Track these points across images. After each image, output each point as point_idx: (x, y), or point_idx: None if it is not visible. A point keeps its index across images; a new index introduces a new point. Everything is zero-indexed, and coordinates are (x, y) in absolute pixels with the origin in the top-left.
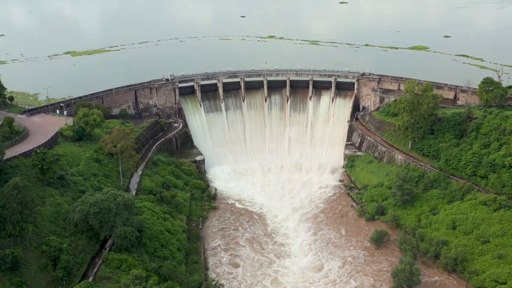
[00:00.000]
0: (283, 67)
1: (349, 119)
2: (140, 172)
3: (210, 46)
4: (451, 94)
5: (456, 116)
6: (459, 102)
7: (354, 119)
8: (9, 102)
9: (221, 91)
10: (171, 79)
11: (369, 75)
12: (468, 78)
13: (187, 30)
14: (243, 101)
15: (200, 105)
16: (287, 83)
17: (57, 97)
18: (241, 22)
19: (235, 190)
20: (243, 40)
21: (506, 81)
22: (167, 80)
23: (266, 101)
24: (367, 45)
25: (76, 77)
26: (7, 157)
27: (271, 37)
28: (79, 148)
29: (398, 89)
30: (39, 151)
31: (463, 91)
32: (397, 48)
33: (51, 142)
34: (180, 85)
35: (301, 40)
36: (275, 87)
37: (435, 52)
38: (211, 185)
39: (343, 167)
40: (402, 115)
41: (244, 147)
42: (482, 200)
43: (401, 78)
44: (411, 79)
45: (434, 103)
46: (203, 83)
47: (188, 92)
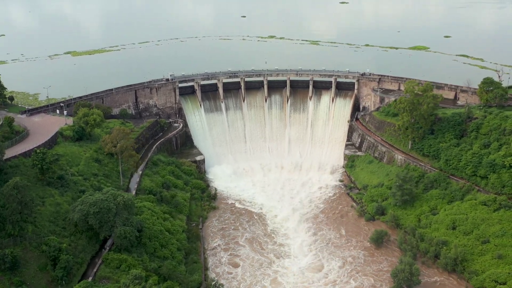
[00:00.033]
0: (283, 67)
1: (349, 119)
2: (140, 172)
3: (211, 46)
4: (451, 94)
5: (456, 116)
6: (459, 102)
7: (354, 119)
8: (9, 102)
9: (221, 91)
10: (171, 79)
11: (369, 75)
12: (468, 78)
13: (187, 30)
14: (243, 101)
15: (200, 105)
16: (287, 83)
17: (57, 97)
18: (241, 22)
19: (235, 190)
20: (244, 40)
21: (507, 81)
22: (167, 80)
23: (266, 101)
24: (367, 45)
25: (76, 77)
26: (7, 157)
27: (272, 37)
28: (79, 148)
29: (398, 89)
30: (39, 151)
31: (463, 91)
32: (397, 48)
33: (51, 142)
34: (180, 85)
35: (302, 40)
36: (275, 87)
37: (435, 52)
38: (211, 185)
39: (343, 167)
40: (402, 115)
41: (244, 147)
42: (482, 200)
43: (401, 78)
44: (411, 79)
45: (434, 103)
46: (203, 83)
47: (188, 92)
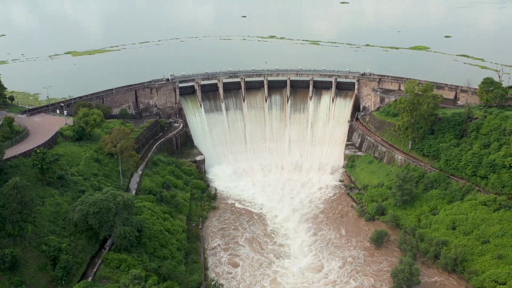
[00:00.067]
0: (284, 67)
1: (350, 119)
2: (140, 172)
3: (211, 46)
4: (451, 94)
5: (456, 116)
6: (459, 102)
7: (355, 119)
8: (9, 102)
9: (221, 91)
10: (172, 79)
11: (369, 75)
12: (468, 78)
13: (187, 30)
14: (244, 101)
15: (201, 105)
16: (288, 83)
17: (57, 97)
18: (242, 22)
19: (235, 190)
20: (244, 40)
21: (507, 81)
22: (167, 80)
23: (266, 101)
24: (367, 45)
25: (77, 77)
26: (7, 156)
27: (272, 37)
28: (79, 148)
29: (398, 89)
30: (39, 151)
31: (463, 91)
32: (397, 48)
33: (51, 142)
34: (181, 85)
35: (302, 40)
36: (276, 87)
37: (435, 52)
38: (211, 185)
39: (343, 167)
40: (402, 115)
41: (244, 147)
42: (482, 201)
43: (401, 78)
44: (411, 79)
45: (434, 103)
46: (203, 83)
47: (188, 92)
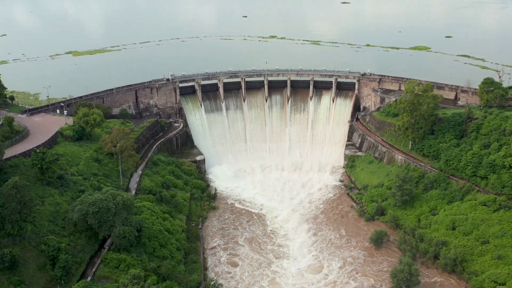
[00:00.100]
0: (284, 67)
1: (350, 119)
2: (140, 172)
3: (211, 46)
4: (452, 94)
5: (456, 117)
6: (459, 103)
7: (355, 119)
8: (9, 101)
9: (221, 91)
10: (172, 79)
11: (370, 75)
12: (468, 78)
13: (188, 30)
14: (244, 101)
15: (201, 105)
16: (288, 83)
17: (57, 97)
18: (242, 22)
19: (235, 190)
20: (245, 40)
21: (507, 81)
22: (167, 80)
23: (266, 101)
24: (368, 45)
25: (77, 77)
26: (7, 156)
27: (273, 37)
28: (79, 148)
29: (398, 89)
30: (38, 150)
31: (463, 91)
32: (398, 48)
33: (51, 142)
34: (181, 85)
35: (303, 40)
36: (276, 87)
37: (436, 52)
38: (211, 185)
39: (343, 167)
40: (402, 115)
41: (244, 147)
42: (482, 201)
43: (402, 78)
44: (412, 79)
45: (434, 103)
46: (203, 83)
47: (188, 92)
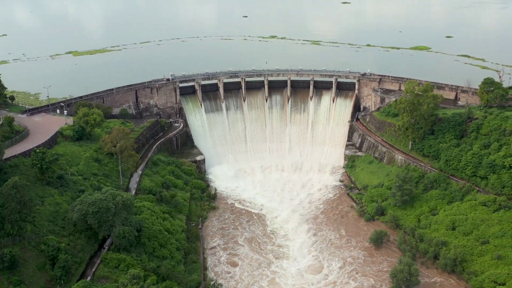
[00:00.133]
0: (284, 67)
1: (350, 119)
2: (140, 172)
3: (212, 46)
4: (452, 94)
5: (456, 117)
6: (460, 103)
7: (355, 119)
8: (10, 101)
9: (222, 91)
10: (172, 79)
11: (370, 75)
12: (469, 78)
13: (188, 30)
14: (244, 101)
15: (201, 105)
16: (288, 83)
17: (58, 97)
18: (242, 22)
19: (235, 190)
20: (245, 40)
21: (507, 81)
22: (168, 80)
23: (267, 101)
24: (368, 45)
25: (77, 76)
26: (7, 156)
27: (273, 37)
28: (79, 148)
29: (399, 90)
30: (38, 150)
31: (464, 91)
32: (398, 48)
33: (51, 142)
34: (181, 85)
35: (303, 40)
36: (276, 87)
37: (436, 53)
38: (211, 185)
39: (343, 167)
40: (402, 115)
41: (244, 147)
42: (482, 201)
43: (402, 79)
44: (412, 79)
45: (434, 103)
46: (204, 83)
47: (189, 92)
